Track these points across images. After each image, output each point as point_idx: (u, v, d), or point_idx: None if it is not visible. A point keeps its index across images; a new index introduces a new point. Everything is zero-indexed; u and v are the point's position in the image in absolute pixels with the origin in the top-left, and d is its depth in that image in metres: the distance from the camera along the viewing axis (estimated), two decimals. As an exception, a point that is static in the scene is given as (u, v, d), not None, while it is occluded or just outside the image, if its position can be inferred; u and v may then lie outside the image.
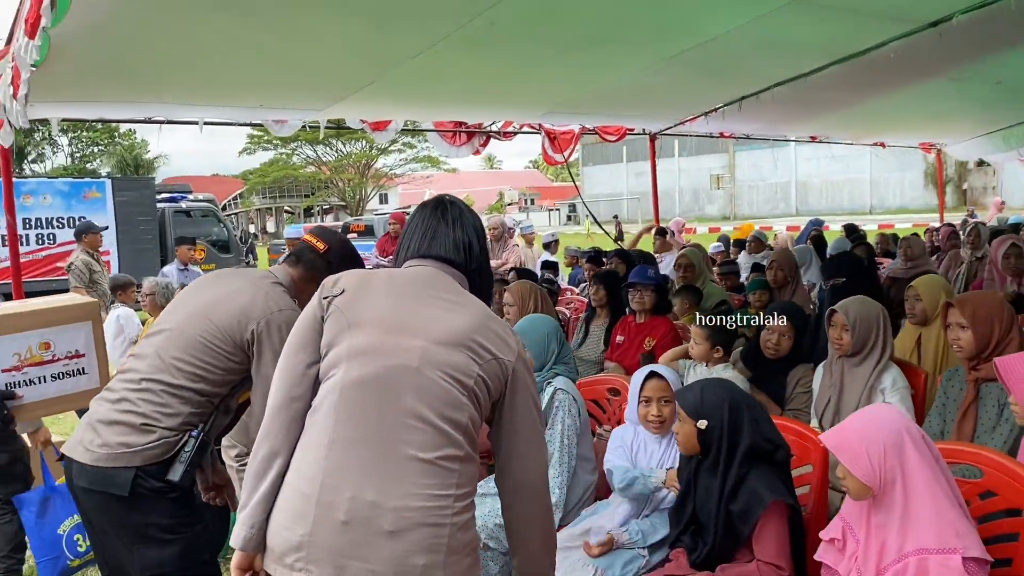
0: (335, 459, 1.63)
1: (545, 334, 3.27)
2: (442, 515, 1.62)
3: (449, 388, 1.67)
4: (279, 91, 5.86)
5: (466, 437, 1.69)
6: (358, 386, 1.68)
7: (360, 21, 4.70)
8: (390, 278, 1.86)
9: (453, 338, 1.71)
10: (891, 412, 2.09)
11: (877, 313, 3.36)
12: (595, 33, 5.30)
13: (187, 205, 15.56)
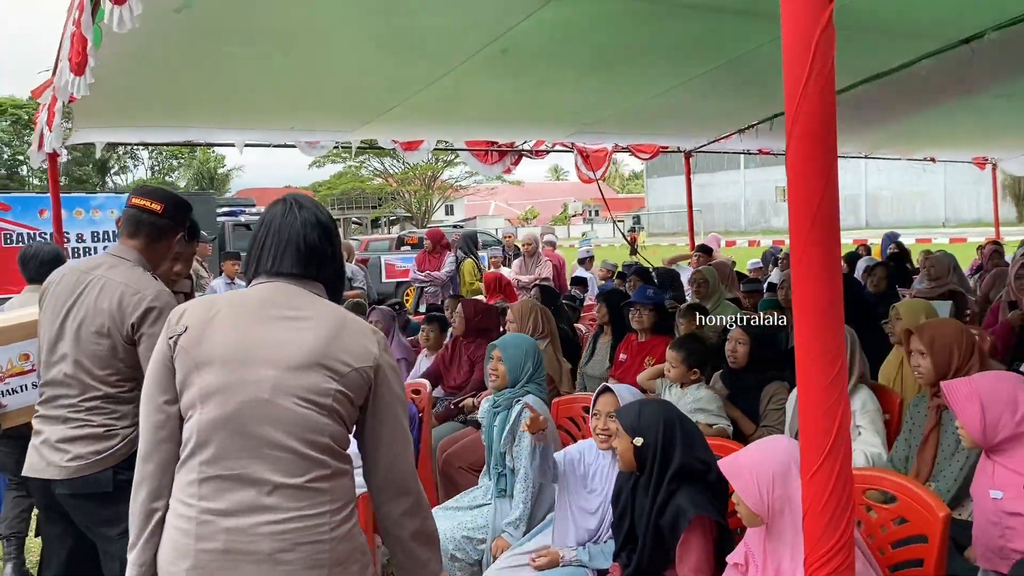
0: (207, 495, 1.68)
1: (523, 353, 3.41)
2: (319, 532, 1.68)
3: (306, 413, 1.70)
4: (308, 115, 6.14)
5: (332, 455, 1.72)
6: (215, 426, 1.70)
7: (378, 51, 4.93)
8: (234, 305, 1.82)
9: (304, 360, 1.71)
10: (782, 443, 2.16)
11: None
12: (616, 54, 5.40)
13: (246, 219, 16.11)
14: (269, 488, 1.66)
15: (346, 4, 4.21)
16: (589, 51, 5.40)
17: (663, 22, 4.92)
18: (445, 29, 4.66)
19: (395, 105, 5.95)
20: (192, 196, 19.13)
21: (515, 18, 4.52)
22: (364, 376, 1.75)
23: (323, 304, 1.83)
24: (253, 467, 1.67)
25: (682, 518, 2.37)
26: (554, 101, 6.65)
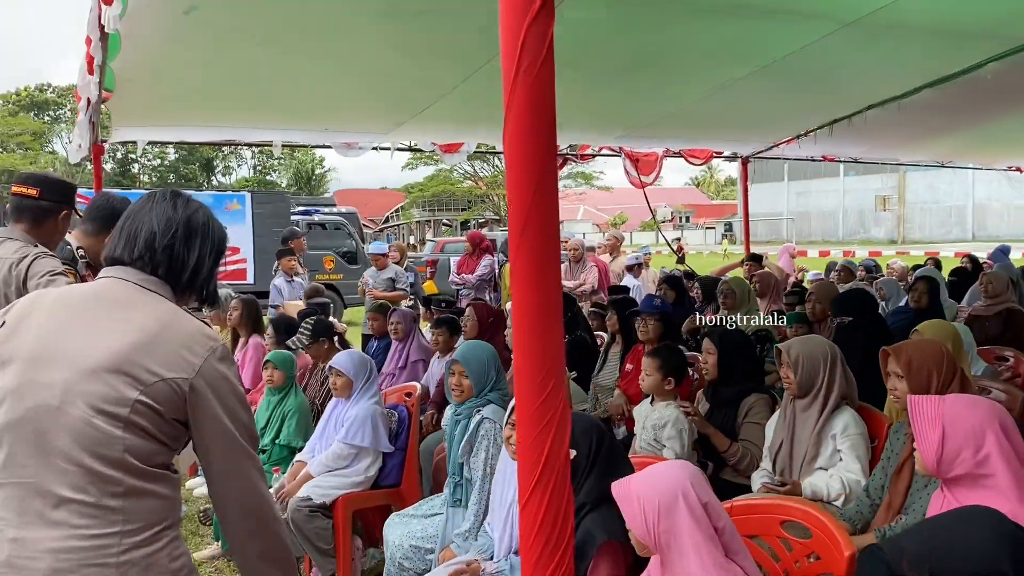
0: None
1: (485, 362, 3.32)
2: (106, 554, 1.54)
3: (96, 423, 1.55)
4: (339, 116, 6.21)
5: (126, 471, 1.56)
6: (6, 430, 1.58)
7: (397, 54, 4.93)
8: (58, 300, 1.70)
9: (104, 364, 1.56)
10: (675, 470, 1.99)
11: (824, 352, 3.18)
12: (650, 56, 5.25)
13: (320, 218, 16.50)
14: (55, 502, 1.54)
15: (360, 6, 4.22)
16: (620, 53, 5.27)
17: (694, 23, 4.76)
18: (461, 31, 4.62)
19: (424, 108, 5.95)
20: (268, 194, 19.75)
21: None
22: (175, 388, 1.58)
23: (153, 305, 1.67)
24: (42, 477, 1.55)
25: (590, 544, 2.23)
26: (592, 104, 6.50)
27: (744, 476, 3.47)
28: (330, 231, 16.19)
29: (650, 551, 1.94)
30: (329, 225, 16.39)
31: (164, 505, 1.62)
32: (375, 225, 69.07)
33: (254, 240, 14.66)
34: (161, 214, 1.74)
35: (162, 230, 1.72)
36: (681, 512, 1.87)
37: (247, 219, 14.84)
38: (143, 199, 1.79)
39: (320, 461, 3.93)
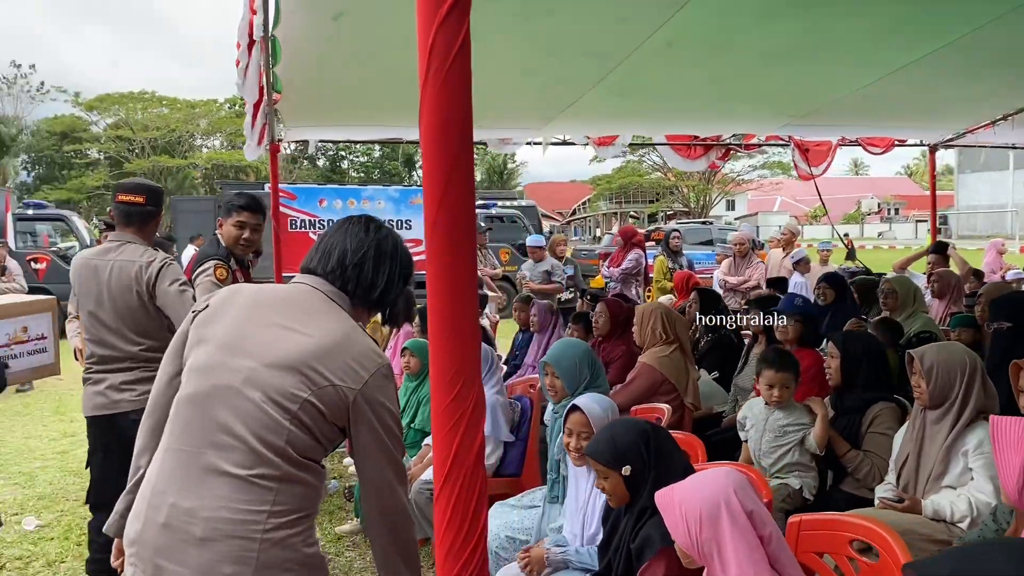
0: (166, 466, 1.76)
1: (576, 362, 3.31)
2: (253, 529, 1.68)
3: (268, 410, 1.71)
4: (490, 113, 6.35)
5: (285, 459, 1.72)
6: (188, 401, 1.78)
7: (536, 52, 5.00)
8: (253, 295, 1.89)
9: (284, 361, 1.73)
10: (719, 478, 1.88)
11: (962, 361, 2.89)
12: (820, 35, 4.96)
13: (497, 211, 16.93)
14: (217, 474, 1.70)
15: (494, 7, 4.31)
16: (781, 36, 5.01)
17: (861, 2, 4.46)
18: (593, 26, 4.60)
19: (570, 103, 5.97)
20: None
21: (668, 10, 4.34)
22: (342, 396, 1.74)
23: (335, 316, 1.84)
24: (210, 450, 1.72)
25: (648, 548, 2.18)
26: (753, 90, 6.25)
27: (867, 488, 3.24)
28: (507, 224, 16.57)
29: (694, 561, 1.88)
30: (506, 218, 16.78)
31: (309, 494, 1.77)
32: (562, 218, 69.72)
33: (435, 232, 15.27)
34: (355, 236, 1.93)
35: (353, 250, 1.91)
36: (724, 521, 1.80)
37: (429, 212, 15.47)
38: (341, 221, 1.99)
39: (443, 447, 4.07)
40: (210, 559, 1.65)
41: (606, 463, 2.35)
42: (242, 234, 3.79)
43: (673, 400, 4.22)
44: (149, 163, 47.35)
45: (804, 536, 2.15)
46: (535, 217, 19.32)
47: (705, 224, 23.33)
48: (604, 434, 2.46)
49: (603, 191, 61.50)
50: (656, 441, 2.32)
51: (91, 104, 50.41)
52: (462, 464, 1.02)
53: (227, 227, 3.81)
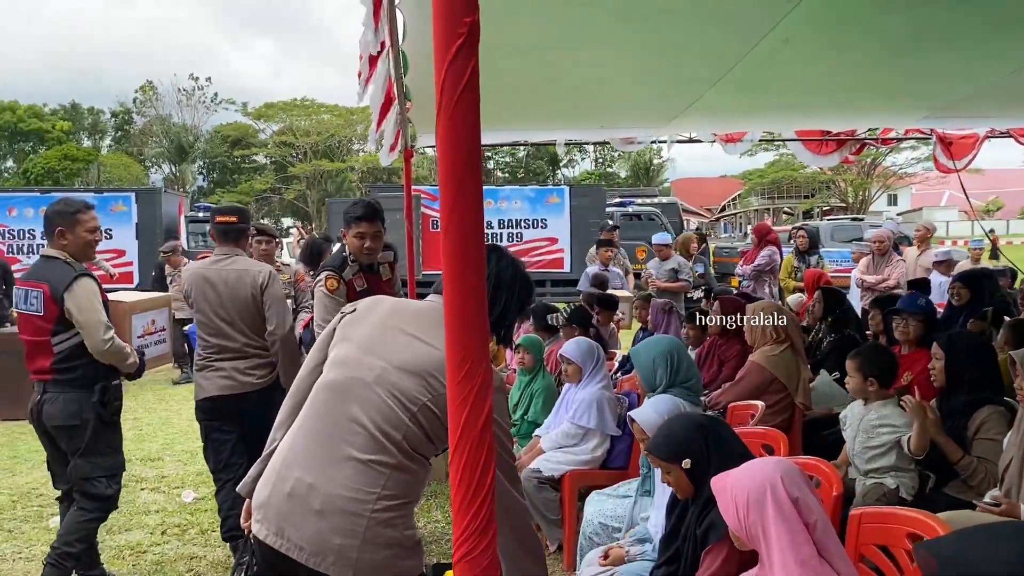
0: (298, 442, 2.01)
1: (651, 359, 3.38)
2: (363, 508, 1.90)
3: (391, 406, 1.94)
4: (613, 113, 6.46)
5: (400, 450, 1.94)
6: (326, 388, 2.04)
7: (651, 55, 5.08)
8: (393, 306, 2.16)
9: (410, 367, 1.97)
10: (768, 464, 1.94)
11: (1071, 365, 2.77)
12: (959, 21, 4.78)
13: (634, 209, 16.93)
14: (340, 455, 1.93)
15: (608, 12, 4.44)
16: (899, 29, 4.85)
17: None
18: (707, 28, 4.63)
19: (690, 103, 5.98)
20: (585, 188, 20.46)
21: (782, 8, 4.33)
22: None
23: None
24: (337, 433, 1.96)
25: (713, 533, 2.27)
26: (887, 82, 6.03)
27: (976, 493, 3.14)
28: (644, 222, 16.54)
29: (744, 544, 1.97)
30: (643, 216, 16.75)
31: (415, 484, 1.99)
32: (710, 214, 68.19)
33: (571, 231, 15.48)
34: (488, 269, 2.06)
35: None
36: (769, 505, 1.89)
37: (565, 211, 15.71)
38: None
39: (551, 438, 4.26)
40: (324, 529, 1.88)
41: (666, 458, 2.46)
42: (363, 244, 4.09)
43: (783, 399, 4.21)
44: (310, 167, 50.10)
45: (864, 528, 2.18)
46: (676, 214, 19.14)
47: (855, 221, 22.30)
48: (662, 431, 2.56)
49: (755, 186, 59.70)
50: (714, 433, 2.40)
51: (258, 113, 53.92)
52: (471, 429, 1.19)
53: (349, 239, 4.15)
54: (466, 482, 1.18)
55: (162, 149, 54.90)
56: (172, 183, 51.57)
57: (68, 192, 18.58)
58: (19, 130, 52.86)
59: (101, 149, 56.99)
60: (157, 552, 4.55)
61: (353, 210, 4.16)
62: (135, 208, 15.31)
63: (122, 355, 3.75)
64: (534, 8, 4.23)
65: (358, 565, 1.88)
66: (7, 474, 6.07)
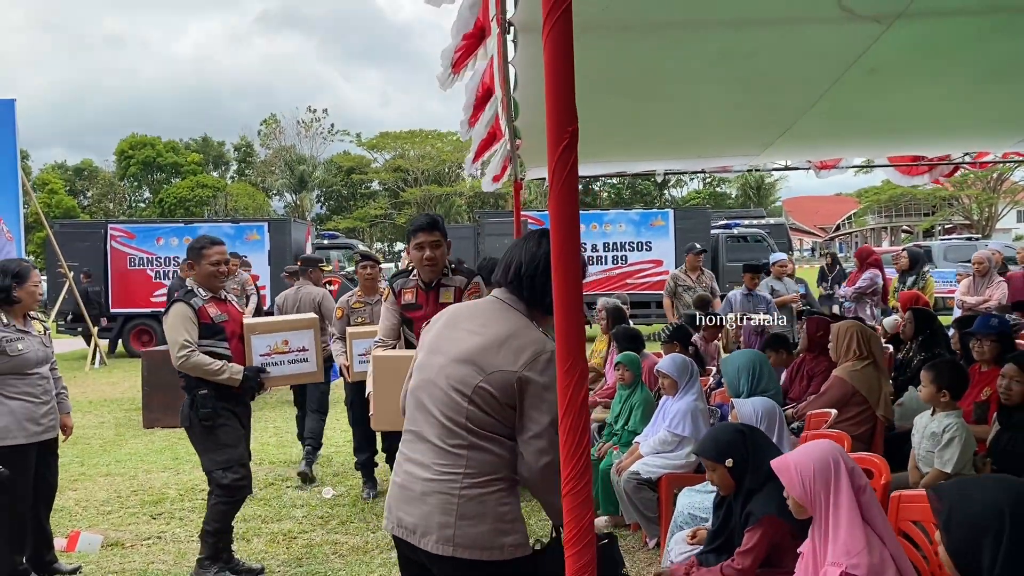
0: (404, 442, 2.32)
1: (736, 369, 3.85)
2: (452, 487, 2.13)
3: (452, 395, 2.17)
4: (708, 145, 6.90)
5: (469, 432, 2.15)
6: (412, 392, 2.33)
7: (743, 88, 5.51)
8: (453, 310, 2.41)
9: (463, 357, 2.19)
10: (823, 444, 2.40)
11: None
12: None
13: (739, 231, 17.08)
14: (427, 445, 2.20)
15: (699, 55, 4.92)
16: (985, 60, 5.13)
17: None
18: (791, 64, 5.04)
19: (782, 132, 6.35)
20: (689, 210, 20.63)
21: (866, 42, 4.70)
22: (508, 377, 2.12)
23: (508, 318, 2.24)
24: (422, 427, 2.23)
25: (753, 517, 2.73)
26: (970, 112, 6.25)
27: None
28: (750, 244, 16.68)
29: (807, 512, 2.42)
30: (750, 237, 16.90)
31: (498, 461, 2.17)
32: (825, 234, 66.42)
33: (676, 253, 15.82)
34: (528, 251, 2.29)
35: (527, 262, 2.27)
36: (832, 474, 2.36)
37: (670, 234, 16.07)
38: (524, 237, 2.36)
39: (649, 444, 4.73)
40: (428, 511, 2.14)
41: (712, 458, 2.96)
42: (423, 254, 4.21)
43: (864, 412, 4.55)
44: (421, 192, 51.74)
45: (903, 507, 2.59)
46: (784, 235, 19.13)
47: (969, 240, 21.61)
48: (709, 435, 3.08)
49: (871, 204, 57.87)
50: (752, 438, 2.87)
51: (372, 143, 56.20)
52: (574, 404, 1.70)
53: (411, 252, 4.34)
54: (570, 442, 1.70)
55: (284, 179, 57.93)
56: (293, 211, 54.37)
57: (209, 223, 20.14)
58: (157, 164, 56.96)
59: (226, 179, 60.67)
60: (305, 538, 5.26)
61: (411, 223, 4.38)
62: (267, 236, 16.61)
63: (202, 370, 4.25)
64: (638, 54, 4.76)
65: (457, 540, 2.09)
66: (173, 473, 6.99)
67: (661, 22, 4.23)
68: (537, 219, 15.92)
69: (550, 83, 1.78)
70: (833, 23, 4.06)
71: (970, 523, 1.74)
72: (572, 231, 1.71)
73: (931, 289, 8.93)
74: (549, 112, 1.77)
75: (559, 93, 1.77)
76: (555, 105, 1.76)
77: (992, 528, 1.71)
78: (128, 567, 4.79)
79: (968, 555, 1.73)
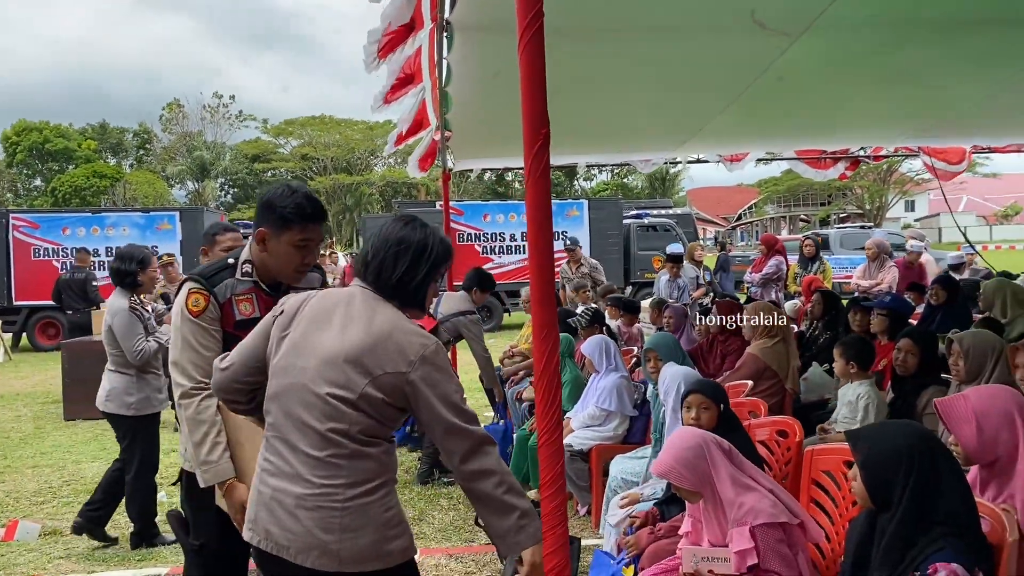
0: (269, 452, 2.08)
1: (672, 345, 4.23)
2: (333, 500, 1.95)
3: (331, 402, 1.97)
4: (629, 141, 7.30)
5: (350, 439, 1.97)
6: (272, 399, 2.08)
7: (664, 89, 5.89)
8: (319, 299, 2.15)
9: (345, 357, 1.98)
10: (688, 432, 2.82)
11: (992, 345, 3.56)
12: (922, 63, 5.47)
13: (649, 221, 17.77)
14: (300, 456, 1.99)
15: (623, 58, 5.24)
16: (887, 64, 5.60)
17: (955, 35, 4.98)
18: (711, 69, 5.44)
19: (698, 130, 6.79)
20: (602, 201, 21.22)
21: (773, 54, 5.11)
22: (398, 379, 1.98)
23: (384, 312, 2.06)
24: (292, 436, 2.02)
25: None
26: (866, 112, 6.81)
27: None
28: (659, 232, 17.34)
29: (699, 496, 2.71)
30: (659, 227, 17.57)
31: (380, 466, 2.03)
32: (727, 223, 68.75)
33: (590, 242, 16.32)
34: (396, 244, 2.12)
35: (391, 259, 2.11)
36: (706, 452, 2.70)
37: (584, 223, 16.57)
38: (392, 223, 2.19)
39: (579, 419, 5.06)
40: (304, 527, 1.95)
41: (711, 397, 3.24)
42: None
43: (775, 384, 5.01)
44: (330, 180, 51.00)
45: (815, 460, 2.99)
46: (690, 224, 19.91)
47: (863, 228, 23.00)
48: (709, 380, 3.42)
49: (771, 194, 60.21)
50: None
51: (278, 130, 55.13)
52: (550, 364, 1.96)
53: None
54: (546, 401, 1.96)
55: (184, 167, 56.20)
56: (195, 199, 52.86)
57: (119, 212, 19.46)
58: (46, 150, 54.34)
59: (124, 168, 58.40)
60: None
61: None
62: (179, 226, 16.29)
63: None
64: (570, 54, 5.04)
65: (343, 555, 1.95)
66: (104, 463, 6.87)
67: (591, 27, 4.56)
68: (458, 210, 16.16)
69: (525, 90, 2.05)
70: (746, 35, 4.49)
71: (886, 460, 2.08)
72: (546, 221, 1.98)
73: (829, 275, 9.59)
74: (525, 117, 2.03)
75: (533, 99, 2.04)
76: (530, 109, 2.03)
77: (904, 464, 2.06)
78: (73, 552, 4.84)
79: (883, 487, 2.08)
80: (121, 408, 4.81)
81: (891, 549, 2.08)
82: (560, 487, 2.04)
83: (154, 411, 4.93)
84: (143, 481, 4.87)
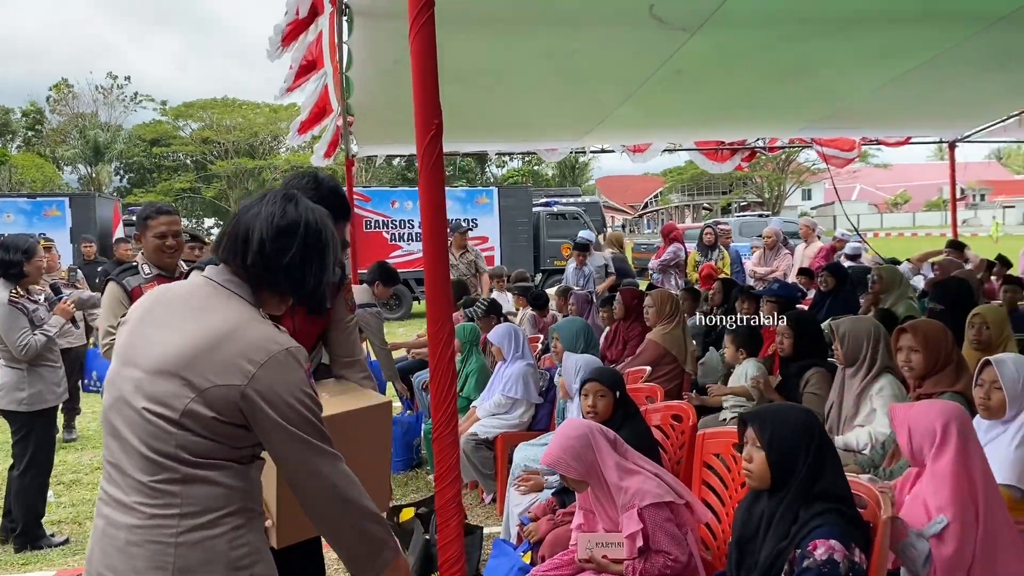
0: (104, 478, 1.77)
1: (574, 333, 4.31)
2: (165, 534, 1.64)
3: (153, 420, 1.66)
4: (532, 129, 7.35)
5: (182, 463, 1.65)
6: (104, 414, 1.77)
7: (563, 83, 5.94)
8: (153, 299, 1.83)
9: (166, 367, 1.67)
10: (575, 423, 2.89)
11: (868, 329, 3.75)
12: (815, 57, 5.65)
13: (558, 209, 17.96)
14: (129, 482, 1.68)
15: (525, 49, 5.26)
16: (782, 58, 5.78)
17: (845, 31, 5.17)
18: (611, 61, 5.53)
19: (599, 121, 6.91)
20: (512, 188, 21.43)
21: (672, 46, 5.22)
22: (231, 393, 1.65)
23: (226, 309, 1.73)
24: (121, 460, 1.71)
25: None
26: (761, 103, 7.06)
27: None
28: (568, 220, 17.55)
29: (585, 485, 2.79)
30: (568, 215, 17.77)
31: (225, 493, 1.69)
32: (634, 211, 70.12)
33: (500, 229, 16.39)
34: (265, 218, 1.76)
35: (258, 235, 1.74)
36: (591, 441, 2.78)
37: (494, 211, 16.61)
38: (259, 198, 1.82)
39: (485, 407, 5.09)
40: (134, 566, 1.65)
41: (607, 385, 3.31)
42: (164, 241, 3.90)
43: (674, 369, 5.15)
44: (231, 165, 49.54)
45: (707, 443, 3.09)
46: (598, 212, 20.23)
47: (761, 217, 23.85)
48: (607, 368, 3.45)
49: (675, 183, 61.63)
50: None
51: (177, 112, 53.15)
52: (443, 359, 1.98)
53: (142, 241, 4.01)
54: (441, 392, 1.97)
55: (76, 150, 53.58)
56: (88, 184, 50.49)
57: (1, 198, 18.45)
58: (-83, 131, 50.94)
59: (10, 150, 55.29)
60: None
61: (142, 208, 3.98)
62: (69, 212, 15.54)
63: None
64: (474, 43, 5.05)
65: None
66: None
67: (494, 18, 4.58)
68: (364, 195, 15.94)
69: (417, 80, 2.04)
70: (645, 29, 4.58)
71: (790, 438, 2.24)
72: (439, 211, 1.98)
73: (728, 263, 9.89)
74: (417, 107, 2.02)
75: (425, 89, 2.03)
76: (422, 100, 2.02)
77: (804, 441, 2.24)
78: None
79: (787, 463, 2.23)
80: (12, 404, 4.63)
81: (780, 523, 2.22)
82: (455, 478, 2.05)
83: (49, 406, 4.77)
84: (34, 480, 4.69)
